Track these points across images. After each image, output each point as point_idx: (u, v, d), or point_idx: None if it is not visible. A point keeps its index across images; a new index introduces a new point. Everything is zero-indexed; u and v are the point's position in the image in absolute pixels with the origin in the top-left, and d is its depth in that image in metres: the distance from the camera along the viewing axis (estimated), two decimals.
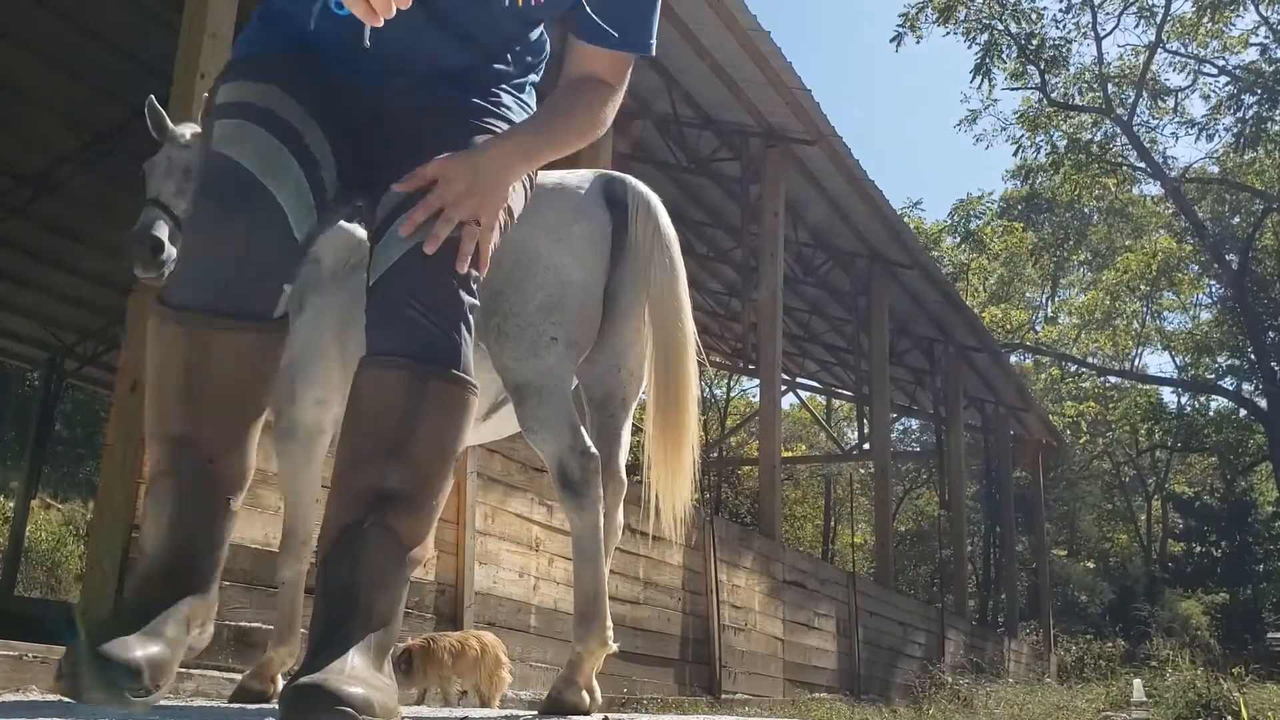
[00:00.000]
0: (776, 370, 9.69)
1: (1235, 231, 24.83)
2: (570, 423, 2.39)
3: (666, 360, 2.47)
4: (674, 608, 7.00)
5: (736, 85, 8.74)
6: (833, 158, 9.66)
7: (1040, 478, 19.60)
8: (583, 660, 2.38)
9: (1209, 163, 24.91)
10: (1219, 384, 27.65)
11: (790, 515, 23.85)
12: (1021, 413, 17.31)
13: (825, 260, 12.39)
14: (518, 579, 5.46)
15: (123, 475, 3.57)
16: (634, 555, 6.45)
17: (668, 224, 2.53)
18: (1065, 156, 22.51)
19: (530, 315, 2.43)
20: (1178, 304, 28.87)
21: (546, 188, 2.55)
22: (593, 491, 2.37)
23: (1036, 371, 28.52)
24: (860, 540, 25.98)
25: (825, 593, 9.71)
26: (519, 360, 2.43)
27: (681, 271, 2.52)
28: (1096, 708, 8.26)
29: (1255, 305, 23.36)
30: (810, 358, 16.48)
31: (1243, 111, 21.23)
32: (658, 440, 2.49)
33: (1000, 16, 20.76)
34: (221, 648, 3.79)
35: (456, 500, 5.04)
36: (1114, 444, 30.47)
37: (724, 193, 10.76)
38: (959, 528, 15.61)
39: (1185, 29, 21.60)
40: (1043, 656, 16.70)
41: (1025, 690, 10.12)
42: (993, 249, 25.71)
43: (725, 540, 7.84)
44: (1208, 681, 7.10)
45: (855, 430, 19.41)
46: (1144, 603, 24.27)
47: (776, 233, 9.54)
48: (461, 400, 1.69)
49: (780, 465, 9.61)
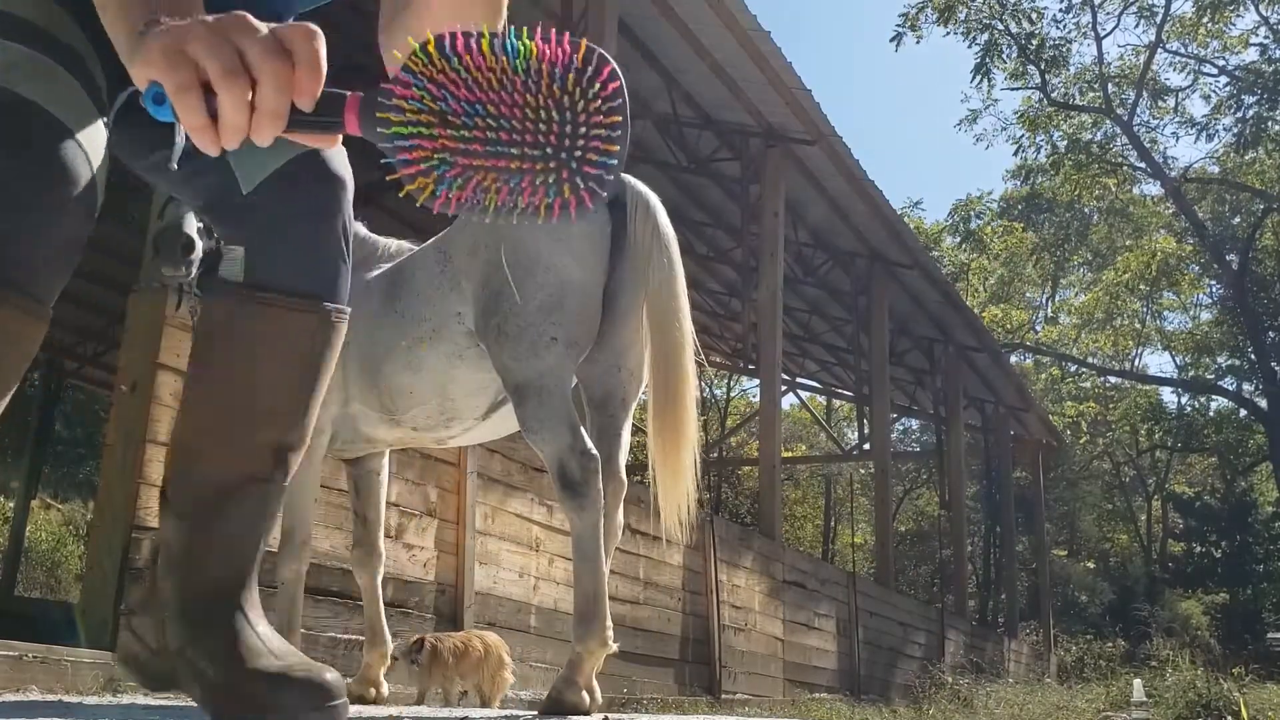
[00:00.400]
0: (776, 370, 9.69)
1: (1235, 231, 24.83)
2: (570, 423, 2.39)
3: (665, 361, 2.47)
4: (674, 608, 7.00)
5: (736, 85, 8.74)
6: (833, 158, 9.66)
7: (1040, 478, 19.59)
8: (583, 660, 2.38)
9: (1209, 163, 24.92)
10: (1219, 384, 27.64)
11: (790, 515, 23.85)
12: (1021, 413, 17.31)
13: (825, 260, 12.39)
14: (518, 579, 5.46)
15: (123, 475, 3.56)
16: (634, 555, 6.45)
17: (667, 224, 2.53)
18: (1065, 156, 22.51)
19: (530, 315, 2.43)
20: (1178, 304, 28.86)
21: None
22: (593, 491, 2.37)
23: (1036, 371, 28.52)
24: (860, 540, 25.97)
25: (825, 593, 9.70)
26: (519, 360, 2.43)
27: (680, 272, 2.52)
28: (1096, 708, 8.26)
29: (1255, 305, 23.35)
30: (810, 358, 16.48)
31: (1243, 111, 21.25)
32: (657, 441, 2.50)
33: (1000, 16, 20.76)
34: None
35: (456, 500, 5.04)
36: (1114, 444, 30.46)
37: (724, 193, 10.76)
38: (959, 528, 15.61)
39: (1185, 29, 21.60)
40: (1043, 657, 16.70)
41: (1025, 690, 10.11)
42: (993, 249, 25.70)
43: (725, 540, 7.84)
44: (1208, 682, 7.10)
45: (855, 430, 19.42)
46: (1144, 603, 24.27)
47: (776, 233, 9.54)
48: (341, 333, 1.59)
49: (780, 465, 9.61)
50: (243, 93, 0.77)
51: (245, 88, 0.78)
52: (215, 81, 0.77)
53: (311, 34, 0.80)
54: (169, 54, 0.79)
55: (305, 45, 0.79)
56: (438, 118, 0.74)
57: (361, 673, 2.92)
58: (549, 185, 0.74)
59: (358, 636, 4.17)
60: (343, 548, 4.13)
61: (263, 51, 0.78)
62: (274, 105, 0.78)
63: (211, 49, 0.78)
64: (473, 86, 0.74)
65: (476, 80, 0.74)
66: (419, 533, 4.82)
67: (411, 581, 4.74)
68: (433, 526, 4.90)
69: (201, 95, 0.78)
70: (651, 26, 8.09)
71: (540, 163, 0.74)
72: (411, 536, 4.77)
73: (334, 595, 4.28)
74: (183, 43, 0.79)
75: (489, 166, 0.74)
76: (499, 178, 0.75)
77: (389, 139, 0.75)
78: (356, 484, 2.96)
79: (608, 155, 0.74)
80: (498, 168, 0.74)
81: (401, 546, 4.68)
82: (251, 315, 1.47)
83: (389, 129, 0.75)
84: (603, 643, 2.38)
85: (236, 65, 0.78)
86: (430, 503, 4.90)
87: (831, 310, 13.86)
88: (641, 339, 2.59)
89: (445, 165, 0.75)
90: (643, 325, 2.56)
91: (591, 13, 7.17)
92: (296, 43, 0.79)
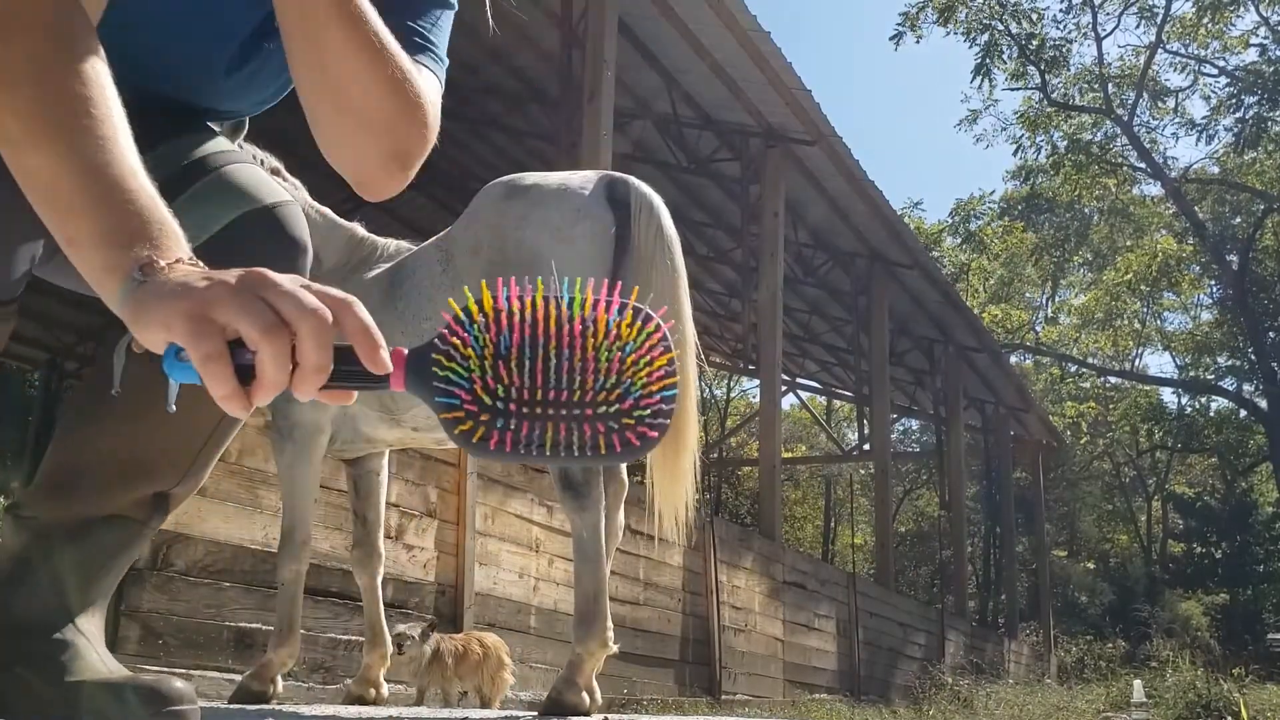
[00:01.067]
0: (776, 371, 9.69)
1: (1235, 232, 24.82)
2: None
3: None
4: (674, 608, 6.99)
5: (736, 85, 8.74)
6: (833, 158, 9.65)
7: (1040, 478, 19.59)
8: (583, 661, 2.38)
9: (1209, 163, 24.92)
10: (1219, 384, 27.64)
11: (790, 516, 23.83)
12: (1021, 413, 17.31)
13: (825, 260, 12.39)
14: (518, 580, 5.45)
15: None
16: (634, 556, 6.45)
17: (670, 226, 2.53)
18: (1065, 157, 22.51)
19: None
20: (1178, 304, 28.85)
21: (550, 189, 2.54)
22: (594, 492, 2.37)
23: (1036, 372, 28.52)
24: (860, 541, 25.96)
25: (825, 593, 9.70)
26: None
27: (683, 274, 2.51)
28: (1096, 708, 8.26)
29: (1255, 306, 23.35)
30: (810, 358, 16.48)
31: (1243, 112, 21.25)
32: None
33: (1000, 17, 20.76)
34: (221, 648, 3.78)
35: (457, 501, 5.04)
36: (1114, 444, 30.46)
37: (724, 193, 10.76)
38: (959, 528, 15.61)
39: (1185, 29, 21.60)
40: (1043, 657, 16.70)
41: (1025, 691, 10.11)
42: (993, 249, 25.71)
43: (725, 541, 7.83)
44: (1208, 682, 7.10)
45: (855, 431, 19.41)
46: (1144, 603, 24.25)
47: (776, 233, 9.53)
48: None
49: (780, 466, 9.61)
50: (285, 349, 0.73)
51: (287, 343, 0.73)
52: (257, 340, 0.73)
53: (350, 302, 0.75)
54: (194, 320, 0.73)
55: (350, 314, 0.75)
56: (491, 362, 0.73)
57: (361, 673, 2.92)
58: (603, 431, 0.74)
59: (358, 637, 4.16)
60: (343, 548, 4.13)
61: (298, 307, 0.74)
62: (317, 360, 0.73)
63: (245, 311, 0.73)
64: (528, 330, 0.74)
65: (533, 325, 0.74)
66: (419, 533, 4.82)
67: (411, 582, 4.73)
68: (433, 527, 4.90)
69: (230, 361, 0.73)
70: (651, 26, 8.08)
71: (595, 409, 0.73)
72: (411, 537, 4.77)
73: (334, 596, 4.28)
74: (208, 308, 0.73)
75: (543, 415, 0.73)
76: (553, 423, 0.74)
77: (438, 389, 0.74)
78: (356, 484, 2.96)
79: (661, 409, 0.74)
80: (550, 416, 0.73)
81: (401, 547, 4.68)
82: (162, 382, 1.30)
83: (440, 376, 0.74)
84: (603, 644, 2.38)
85: (276, 321, 0.73)
86: (430, 503, 4.89)
87: (831, 310, 13.86)
88: None
89: (499, 413, 0.73)
90: None
91: (591, 13, 7.17)
92: (340, 310, 0.75)
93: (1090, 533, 32.59)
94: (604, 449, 0.74)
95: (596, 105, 6.96)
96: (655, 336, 0.75)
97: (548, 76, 8.70)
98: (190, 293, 0.74)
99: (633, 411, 0.74)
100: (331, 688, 4.14)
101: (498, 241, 2.50)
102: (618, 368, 0.73)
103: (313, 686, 4.11)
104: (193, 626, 3.69)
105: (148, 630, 3.55)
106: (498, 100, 9.67)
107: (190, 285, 0.75)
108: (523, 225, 2.49)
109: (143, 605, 3.53)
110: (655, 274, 2.46)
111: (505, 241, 2.49)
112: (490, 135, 10.39)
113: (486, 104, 9.64)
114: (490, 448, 0.73)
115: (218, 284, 0.75)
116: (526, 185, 2.58)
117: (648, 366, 0.74)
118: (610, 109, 7.09)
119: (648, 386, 0.74)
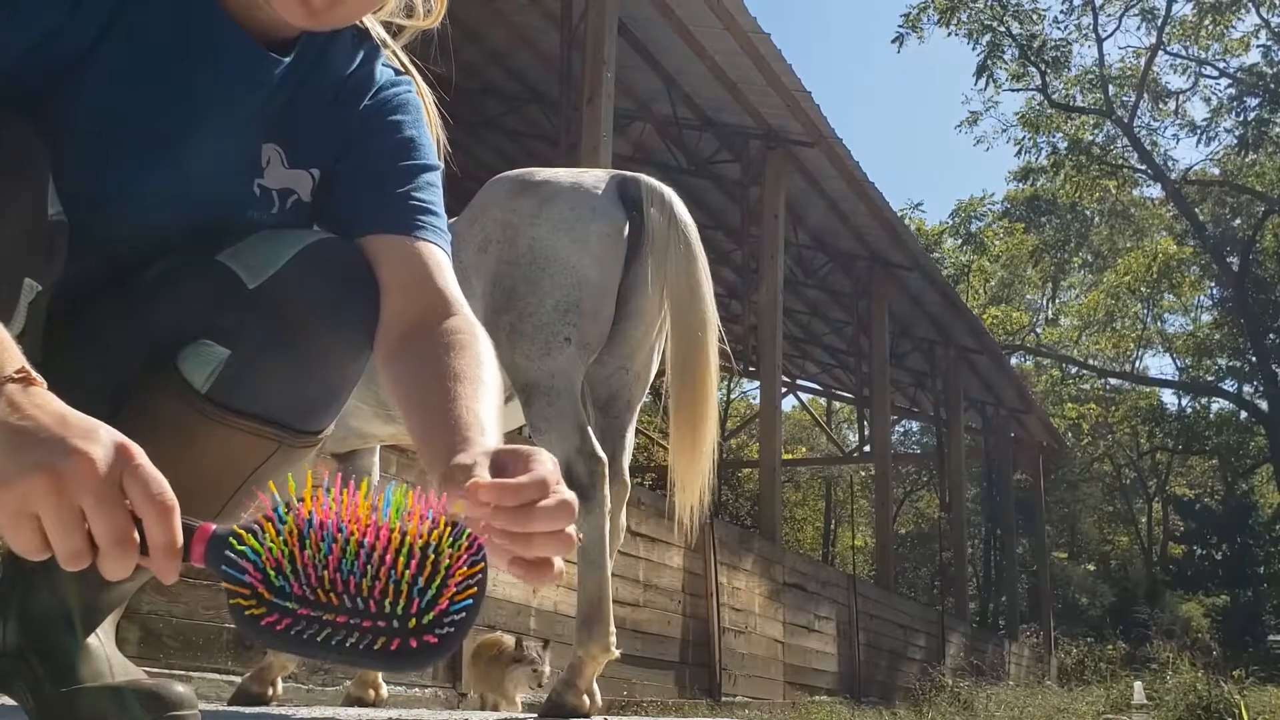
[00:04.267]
0: (777, 372, 9.69)
1: (1236, 234, 24.79)
2: (578, 424, 2.37)
3: (685, 341, 2.45)
4: (674, 610, 6.98)
5: (736, 87, 8.73)
6: (833, 159, 9.64)
7: (1041, 480, 19.57)
8: (584, 664, 2.37)
9: (1210, 165, 24.90)
10: (1220, 386, 27.63)
11: (791, 518, 23.82)
12: (1022, 415, 17.29)
13: (826, 262, 12.38)
14: (517, 580, 5.43)
15: None
16: (634, 558, 6.44)
17: (684, 213, 2.52)
18: (1066, 158, 22.51)
19: (546, 314, 2.41)
20: (1178, 306, 28.83)
21: (563, 187, 2.52)
22: (599, 495, 2.36)
23: (1037, 373, 28.48)
24: (861, 543, 25.94)
25: (826, 595, 9.69)
26: (530, 359, 2.41)
27: (701, 256, 2.50)
28: (1097, 710, 8.24)
29: (1256, 307, 23.34)
30: (811, 360, 16.47)
31: (1244, 114, 21.25)
32: (677, 423, 2.48)
33: (1002, 18, 20.76)
34: (221, 651, 3.77)
35: None
36: (1115, 446, 30.44)
37: (724, 195, 10.76)
38: (959, 530, 15.59)
39: (1186, 31, 21.59)
40: (1043, 659, 16.69)
41: (1026, 693, 10.09)
42: (993, 250, 25.70)
43: (725, 543, 7.82)
44: (1208, 684, 7.08)
45: (856, 432, 19.41)
46: (1145, 605, 24.22)
47: (777, 235, 9.53)
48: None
49: (781, 467, 9.61)
50: (83, 561, 0.76)
51: (87, 559, 0.76)
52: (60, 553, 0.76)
53: (164, 510, 0.76)
54: (12, 517, 0.75)
55: (149, 501, 0.76)
56: (288, 550, 0.74)
57: (360, 674, 2.91)
58: (384, 634, 0.74)
59: None
60: None
61: (100, 501, 0.74)
62: (118, 571, 0.76)
63: (58, 520, 0.74)
64: (334, 527, 0.75)
65: (339, 524, 0.75)
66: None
67: None
68: None
69: (44, 541, 0.75)
70: (651, 28, 8.08)
71: (379, 615, 0.74)
72: None
73: None
74: (27, 503, 0.74)
75: (324, 607, 0.74)
76: (333, 619, 0.74)
77: (229, 559, 0.75)
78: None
79: (450, 633, 0.75)
80: (333, 610, 0.74)
81: None
82: (196, 427, 1.20)
83: (237, 550, 0.75)
84: (605, 648, 2.37)
85: (82, 549, 0.75)
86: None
87: (832, 312, 13.85)
88: (650, 341, 2.57)
89: (284, 596, 0.74)
90: (653, 327, 2.54)
91: (591, 13, 7.16)
92: (136, 492, 0.76)
93: (1091, 534, 32.58)
94: (380, 651, 0.74)
95: (596, 106, 6.95)
96: (464, 550, 0.76)
97: (547, 78, 8.70)
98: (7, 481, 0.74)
99: (421, 617, 0.74)
100: (331, 690, 4.13)
101: (508, 238, 2.48)
102: (412, 576, 0.74)
103: (312, 688, 4.10)
104: (192, 628, 3.69)
105: (147, 631, 3.54)
106: (497, 101, 9.66)
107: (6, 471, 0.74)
108: (535, 222, 2.47)
109: (142, 606, 3.52)
110: (670, 260, 2.45)
111: (516, 238, 2.47)
112: (489, 136, 10.38)
113: (486, 105, 9.64)
114: (261, 625, 0.74)
115: (31, 477, 0.74)
116: (538, 181, 2.55)
117: (449, 579, 0.75)
118: (610, 110, 7.08)
119: (439, 598, 0.74)
